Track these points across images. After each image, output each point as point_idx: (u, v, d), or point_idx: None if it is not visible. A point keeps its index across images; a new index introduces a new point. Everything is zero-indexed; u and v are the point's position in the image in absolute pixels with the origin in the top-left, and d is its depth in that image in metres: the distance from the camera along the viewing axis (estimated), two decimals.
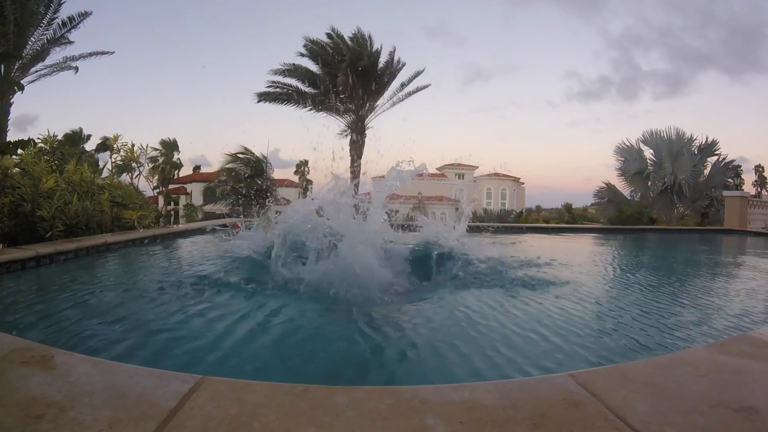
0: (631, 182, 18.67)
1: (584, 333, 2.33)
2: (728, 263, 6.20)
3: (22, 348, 1.39)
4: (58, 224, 4.17)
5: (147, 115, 70.83)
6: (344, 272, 2.92)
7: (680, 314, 2.89)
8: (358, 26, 19.54)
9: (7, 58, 12.00)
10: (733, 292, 3.77)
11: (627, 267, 5.62)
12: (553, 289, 3.25)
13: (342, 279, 2.86)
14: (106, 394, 1.12)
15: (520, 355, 1.95)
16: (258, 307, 2.65)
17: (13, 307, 2.60)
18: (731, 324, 2.60)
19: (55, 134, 6.09)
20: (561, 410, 1.08)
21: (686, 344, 2.20)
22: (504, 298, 2.98)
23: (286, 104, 20.19)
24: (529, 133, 77.66)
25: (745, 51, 55.78)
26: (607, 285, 4.04)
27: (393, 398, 1.12)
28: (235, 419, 1.01)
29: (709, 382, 1.28)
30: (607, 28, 71.91)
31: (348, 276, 2.87)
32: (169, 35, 68.91)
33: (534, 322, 2.45)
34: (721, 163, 17.93)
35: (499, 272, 3.63)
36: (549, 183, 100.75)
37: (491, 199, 49.34)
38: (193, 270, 3.73)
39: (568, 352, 2.02)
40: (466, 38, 71.98)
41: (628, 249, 7.94)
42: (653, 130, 18.26)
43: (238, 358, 1.89)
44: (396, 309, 2.74)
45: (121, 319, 2.34)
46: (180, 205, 22.76)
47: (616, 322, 2.62)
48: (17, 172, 4.35)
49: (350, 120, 20.47)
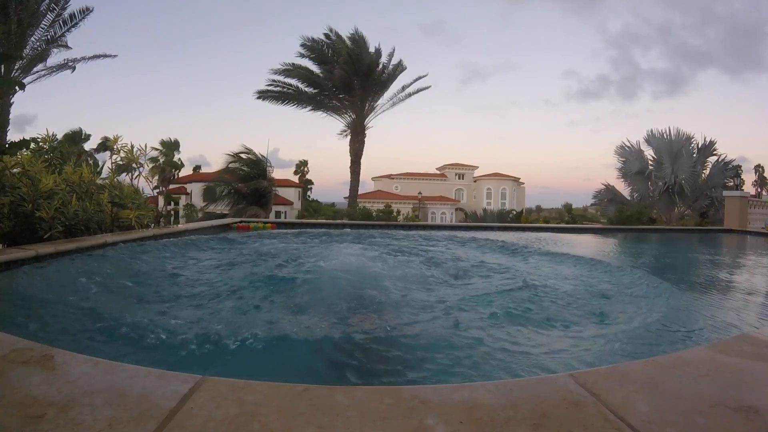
0: (632, 182, 18.67)
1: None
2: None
3: (22, 348, 1.39)
4: (57, 225, 4.16)
5: (147, 116, 70.77)
6: None
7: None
8: (356, 26, 19.57)
9: (8, 58, 12.00)
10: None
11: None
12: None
13: None
14: (106, 394, 1.12)
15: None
16: None
17: (14, 307, 2.60)
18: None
19: (54, 134, 6.07)
20: (561, 410, 1.08)
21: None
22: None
23: (286, 104, 20.22)
24: (529, 132, 77.66)
25: (746, 49, 55.72)
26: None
27: (393, 398, 1.12)
28: (235, 419, 1.01)
29: (709, 382, 1.28)
30: (606, 26, 71.81)
31: None
32: (169, 36, 68.84)
33: None
34: (720, 163, 17.93)
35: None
36: (549, 183, 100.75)
37: (491, 199, 49.30)
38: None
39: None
40: (463, 37, 71.87)
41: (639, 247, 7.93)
42: (653, 130, 18.26)
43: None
44: None
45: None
46: (180, 205, 22.76)
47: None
48: (17, 172, 4.35)
49: (350, 120, 20.47)
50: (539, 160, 79.68)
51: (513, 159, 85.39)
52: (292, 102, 20.00)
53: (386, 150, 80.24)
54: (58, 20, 14.71)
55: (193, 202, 30.23)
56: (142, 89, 70.99)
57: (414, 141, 78.12)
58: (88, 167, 5.43)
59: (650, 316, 2.74)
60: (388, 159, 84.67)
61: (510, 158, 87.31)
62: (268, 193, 15.70)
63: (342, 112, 20.55)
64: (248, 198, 15.28)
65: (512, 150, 73.71)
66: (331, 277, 3.31)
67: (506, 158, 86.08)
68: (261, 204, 15.42)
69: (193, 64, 72.05)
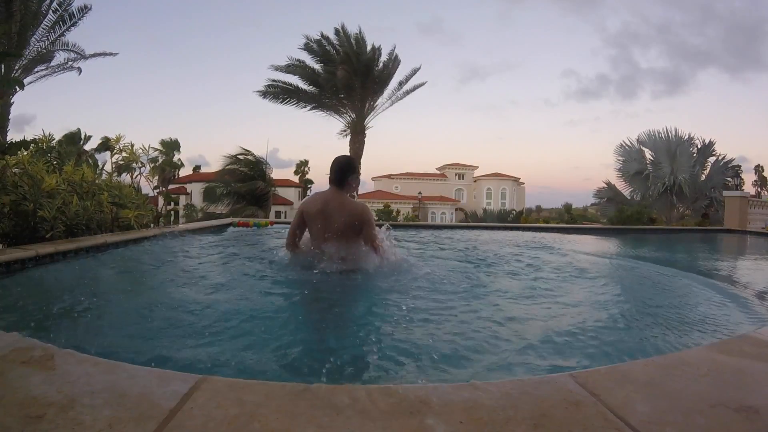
0: (631, 182, 18.67)
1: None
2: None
3: (23, 347, 1.39)
4: (59, 224, 4.17)
5: (147, 116, 70.79)
6: None
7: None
8: (359, 25, 19.58)
9: (7, 56, 12.01)
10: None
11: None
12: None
13: None
14: (106, 394, 1.12)
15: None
16: None
17: (14, 307, 2.60)
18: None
19: (51, 134, 6.08)
20: (561, 410, 1.08)
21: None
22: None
23: (286, 103, 20.23)
24: (528, 132, 77.69)
25: (746, 48, 55.60)
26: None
27: (393, 398, 1.12)
28: (235, 419, 1.01)
29: (709, 382, 1.28)
30: (605, 25, 71.61)
31: None
32: (169, 36, 68.76)
33: None
34: (720, 163, 17.93)
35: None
36: (548, 183, 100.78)
37: (491, 199, 49.33)
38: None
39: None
40: (461, 36, 71.73)
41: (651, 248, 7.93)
42: (653, 130, 18.27)
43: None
44: None
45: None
46: (180, 205, 22.78)
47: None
48: (18, 171, 4.34)
49: (350, 120, 20.47)
50: (539, 160, 79.73)
51: (513, 159, 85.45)
52: (293, 100, 20.00)
53: (386, 150, 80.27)
54: (60, 21, 14.73)
55: (193, 202, 30.23)
56: (142, 89, 71.13)
57: (414, 141, 78.14)
58: (89, 167, 5.42)
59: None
60: (388, 159, 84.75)
61: (510, 158, 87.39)
62: (266, 193, 15.71)
63: (342, 112, 20.55)
64: (247, 198, 15.29)
65: (512, 150, 73.77)
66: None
67: (506, 158, 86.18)
68: (260, 204, 15.44)
69: (192, 64, 72.13)
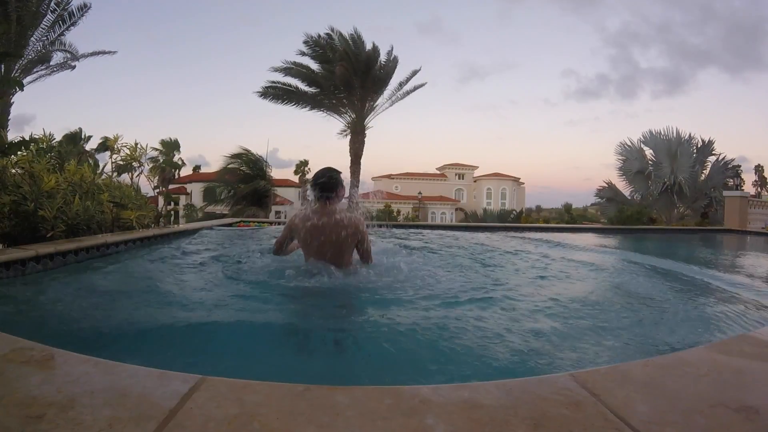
0: (632, 182, 18.68)
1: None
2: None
3: (22, 347, 1.39)
4: (59, 224, 4.17)
5: (147, 116, 70.78)
6: None
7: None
8: (354, 26, 19.59)
9: (7, 57, 12.01)
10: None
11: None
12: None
13: None
14: (106, 394, 1.12)
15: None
16: None
17: (14, 307, 2.60)
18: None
19: (51, 133, 6.10)
20: (561, 410, 1.08)
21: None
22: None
23: (286, 103, 20.22)
24: (528, 132, 77.64)
25: (746, 47, 55.51)
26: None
27: (393, 398, 1.12)
28: (235, 419, 1.01)
29: (709, 382, 1.28)
30: (605, 25, 71.52)
31: None
32: (169, 35, 68.76)
33: None
34: (720, 163, 17.93)
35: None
36: (549, 183, 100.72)
37: (491, 199, 49.30)
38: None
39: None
40: (460, 36, 71.68)
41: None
42: (653, 129, 18.29)
43: None
44: None
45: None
46: (180, 205, 22.77)
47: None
48: (20, 171, 4.34)
49: (350, 120, 20.47)
50: (539, 160, 79.70)
51: (513, 159, 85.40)
52: (293, 100, 20.00)
53: (386, 150, 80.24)
54: (59, 21, 14.73)
55: (193, 202, 30.22)
56: (142, 89, 71.12)
57: (414, 141, 78.10)
58: (89, 167, 5.42)
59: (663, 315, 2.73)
60: (388, 159, 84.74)
61: (510, 158, 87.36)
62: (267, 193, 15.70)
63: (342, 112, 20.54)
64: (247, 198, 15.28)
65: (512, 150, 73.74)
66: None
67: (506, 158, 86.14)
68: (260, 204, 15.43)
69: (192, 64, 72.09)
